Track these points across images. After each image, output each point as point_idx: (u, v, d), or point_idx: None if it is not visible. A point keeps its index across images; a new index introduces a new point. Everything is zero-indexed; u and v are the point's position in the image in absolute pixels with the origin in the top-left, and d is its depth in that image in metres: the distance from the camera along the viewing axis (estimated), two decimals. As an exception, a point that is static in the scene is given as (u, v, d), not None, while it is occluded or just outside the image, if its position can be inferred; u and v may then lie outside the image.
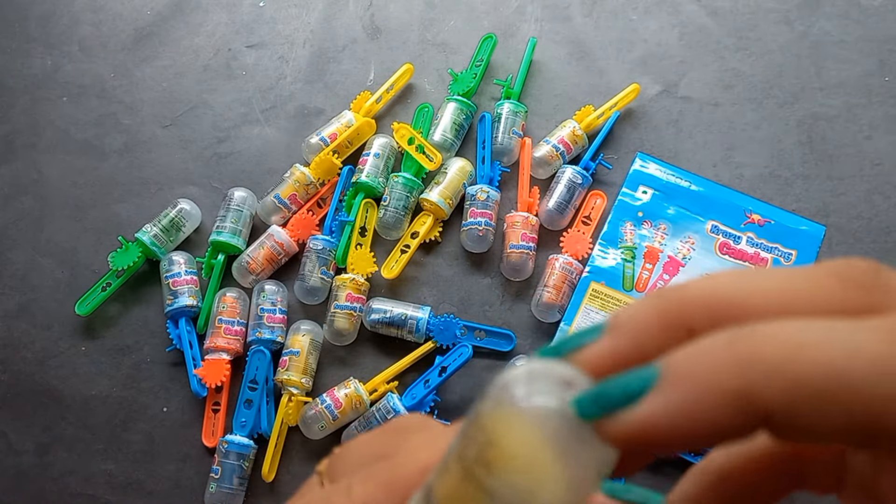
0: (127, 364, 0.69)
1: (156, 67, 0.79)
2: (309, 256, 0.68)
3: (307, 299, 0.69)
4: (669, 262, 0.64)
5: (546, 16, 0.78)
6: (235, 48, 0.79)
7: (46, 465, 0.67)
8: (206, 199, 0.74)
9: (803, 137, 0.72)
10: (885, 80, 0.74)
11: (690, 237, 0.64)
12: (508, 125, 0.71)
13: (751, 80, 0.74)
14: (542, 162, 0.70)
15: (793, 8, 0.77)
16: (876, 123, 0.72)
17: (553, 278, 0.66)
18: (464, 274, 0.70)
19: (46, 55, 0.80)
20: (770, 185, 0.71)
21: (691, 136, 0.73)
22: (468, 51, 0.77)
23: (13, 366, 0.70)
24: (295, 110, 0.76)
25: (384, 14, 0.80)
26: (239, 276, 0.69)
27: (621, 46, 0.77)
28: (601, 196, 0.70)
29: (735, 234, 0.64)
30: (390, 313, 0.66)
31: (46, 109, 0.78)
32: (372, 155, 0.71)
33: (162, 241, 0.70)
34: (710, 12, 0.77)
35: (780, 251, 0.64)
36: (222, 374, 0.65)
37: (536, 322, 0.68)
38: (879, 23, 0.76)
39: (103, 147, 0.76)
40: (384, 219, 0.69)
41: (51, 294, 0.71)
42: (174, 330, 0.68)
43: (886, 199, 0.70)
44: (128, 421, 0.68)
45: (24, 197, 0.75)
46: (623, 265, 0.64)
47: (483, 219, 0.68)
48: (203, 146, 0.76)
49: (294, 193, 0.71)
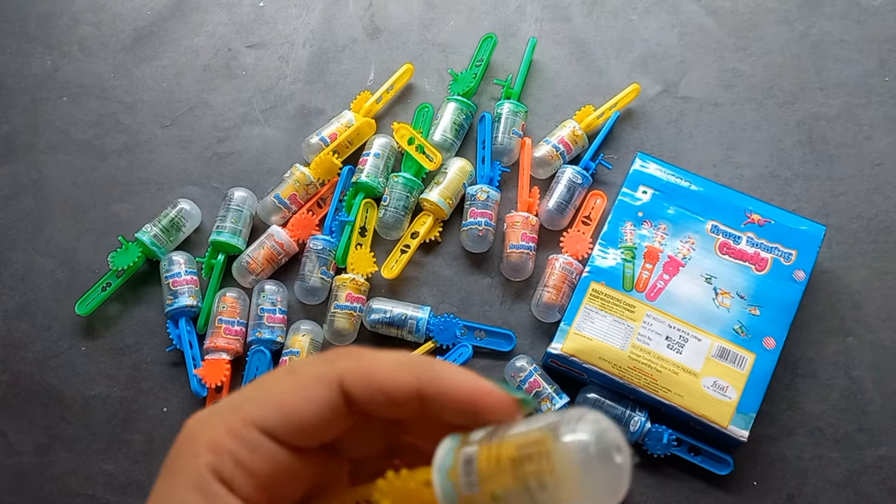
0: (127, 364, 0.69)
1: (156, 67, 0.79)
2: (309, 256, 0.68)
3: (307, 299, 0.69)
4: (669, 262, 0.64)
5: (546, 16, 0.78)
6: (235, 48, 0.79)
7: (46, 465, 0.67)
8: (206, 199, 0.74)
9: (803, 137, 0.72)
10: (885, 80, 0.74)
11: (690, 237, 0.64)
12: (508, 125, 0.71)
13: (751, 80, 0.74)
14: (542, 162, 0.70)
15: (793, 8, 0.77)
16: (876, 123, 0.72)
17: (553, 278, 0.66)
18: (464, 274, 0.70)
19: (46, 55, 0.80)
20: (770, 185, 0.71)
21: (691, 136, 0.73)
22: (468, 51, 0.77)
23: (13, 366, 0.69)
24: (295, 110, 0.76)
25: (384, 14, 0.80)
26: (239, 276, 0.69)
27: (621, 46, 0.77)
28: (601, 196, 0.70)
29: (735, 234, 0.64)
30: (390, 313, 0.66)
31: (46, 109, 0.78)
32: (372, 155, 0.71)
33: (162, 241, 0.70)
34: (710, 12, 0.77)
35: (780, 251, 0.64)
36: (222, 374, 0.65)
37: (536, 322, 0.68)
38: (879, 23, 0.76)
39: (103, 147, 0.76)
40: (384, 219, 0.69)
41: (51, 294, 0.71)
42: (174, 330, 0.68)
43: (886, 199, 0.70)
44: (128, 421, 0.68)
45: (24, 197, 0.75)
46: (623, 265, 0.64)
47: (483, 219, 0.68)
48: (203, 146, 0.76)
49: (294, 193, 0.71)
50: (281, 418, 0.25)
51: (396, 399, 0.25)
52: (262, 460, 0.25)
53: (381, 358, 0.26)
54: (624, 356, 0.61)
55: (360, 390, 0.25)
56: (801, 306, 0.63)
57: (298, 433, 0.25)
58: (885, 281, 0.68)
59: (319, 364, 0.26)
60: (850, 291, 0.67)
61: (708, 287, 0.63)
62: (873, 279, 0.68)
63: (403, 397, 0.25)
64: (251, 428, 0.25)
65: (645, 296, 0.63)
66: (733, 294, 0.63)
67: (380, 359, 0.26)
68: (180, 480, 0.25)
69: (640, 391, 0.61)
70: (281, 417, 0.25)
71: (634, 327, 0.62)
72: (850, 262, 0.68)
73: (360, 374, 0.25)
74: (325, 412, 0.25)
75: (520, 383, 0.64)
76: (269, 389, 0.26)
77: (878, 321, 0.67)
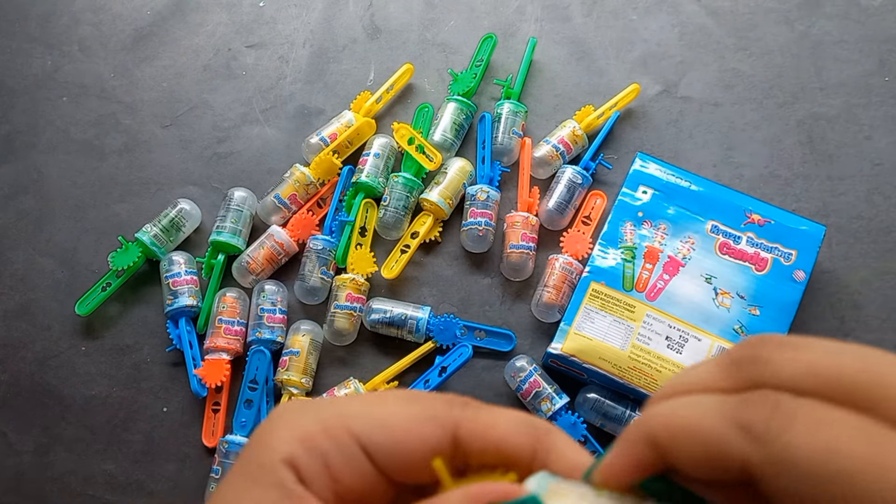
0: (127, 364, 0.69)
1: (156, 67, 0.79)
2: (309, 256, 0.68)
3: (307, 299, 0.69)
4: (669, 262, 0.64)
5: (546, 16, 0.78)
6: (235, 48, 0.79)
7: (46, 465, 0.67)
8: (206, 199, 0.74)
9: (803, 137, 0.72)
10: (885, 80, 0.73)
11: (690, 237, 0.64)
12: (508, 125, 0.71)
13: (751, 80, 0.74)
14: (542, 162, 0.70)
15: (793, 8, 0.77)
16: (876, 123, 0.72)
17: (553, 278, 0.66)
18: (464, 274, 0.70)
19: (46, 55, 0.80)
20: (770, 185, 0.71)
21: (691, 136, 0.73)
22: (468, 51, 0.77)
23: (13, 366, 0.69)
24: (295, 110, 0.76)
25: (384, 14, 0.79)
26: (239, 276, 0.69)
27: (621, 46, 0.77)
28: (601, 196, 0.70)
29: (735, 234, 0.64)
30: (390, 313, 0.66)
31: (46, 109, 0.78)
32: (372, 155, 0.71)
33: (162, 241, 0.70)
34: (710, 12, 0.77)
35: (780, 251, 0.64)
36: (222, 374, 0.65)
37: (536, 322, 0.68)
38: (879, 23, 0.76)
39: (103, 147, 0.76)
40: (384, 219, 0.69)
41: (51, 294, 0.71)
42: (174, 330, 0.68)
43: (886, 199, 0.70)
44: (128, 421, 0.68)
45: (24, 197, 0.75)
46: (623, 265, 0.64)
47: (483, 219, 0.68)
48: (203, 146, 0.76)
49: (294, 193, 0.71)
50: (386, 441, 0.25)
51: (509, 458, 0.25)
52: (352, 473, 0.24)
53: (501, 416, 0.26)
54: (624, 356, 0.61)
55: (475, 443, 0.25)
56: (801, 306, 0.63)
57: (397, 463, 0.25)
58: (885, 281, 0.68)
59: (440, 404, 0.26)
60: (850, 291, 0.67)
61: (708, 287, 0.63)
62: (873, 279, 0.68)
63: (517, 457, 0.25)
64: (351, 437, 0.24)
65: (645, 296, 0.63)
66: (733, 294, 0.63)
67: (499, 415, 0.25)
68: (261, 472, 0.24)
69: (640, 391, 0.61)
70: (386, 440, 0.25)
71: (634, 327, 0.62)
72: (850, 262, 0.68)
73: (479, 427, 0.25)
74: (429, 453, 0.25)
75: (520, 383, 0.64)
76: (382, 410, 0.25)
77: (878, 321, 0.67)
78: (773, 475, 0.19)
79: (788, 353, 0.21)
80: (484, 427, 0.25)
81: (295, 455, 0.24)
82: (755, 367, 0.21)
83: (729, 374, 0.22)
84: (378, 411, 0.25)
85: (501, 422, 0.25)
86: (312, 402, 0.26)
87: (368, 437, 0.25)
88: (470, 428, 0.25)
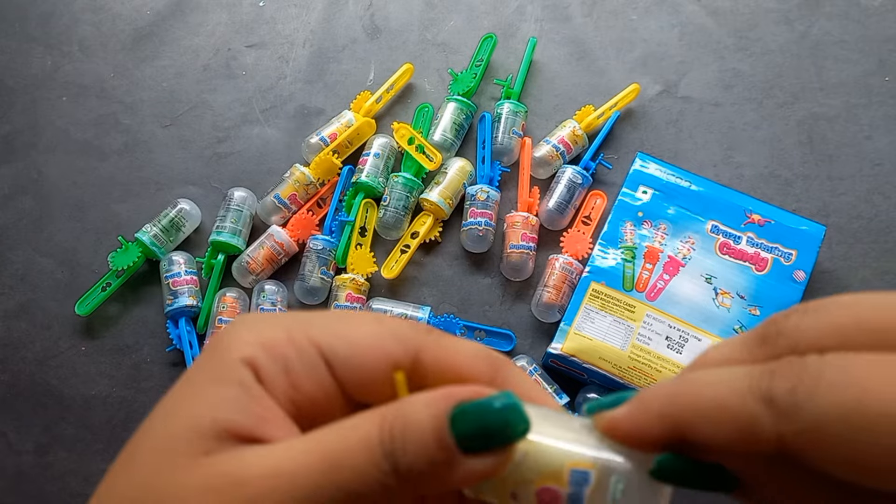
0: (127, 364, 0.69)
1: (156, 67, 0.79)
2: (309, 256, 0.68)
3: (307, 299, 0.69)
4: (669, 262, 0.64)
5: (546, 16, 0.78)
6: (235, 48, 0.79)
7: (46, 465, 0.67)
8: (206, 199, 0.74)
9: (803, 137, 0.72)
10: (885, 80, 0.73)
11: (690, 237, 0.64)
12: (508, 125, 0.71)
13: (751, 80, 0.74)
14: (542, 162, 0.70)
15: (793, 8, 0.77)
16: (876, 123, 0.72)
17: (553, 278, 0.66)
18: (464, 274, 0.70)
19: (46, 55, 0.80)
20: (770, 185, 0.71)
21: (691, 136, 0.73)
22: (468, 51, 0.77)
23: (13, 366, 0.69)
24: (295, 110, 0.76)
25: (384, 14, 0.79)
26: (239, 276, 0.69)
27: (621, 46, 0.77)
28: (601, 196, 0.70)
29: (735, 234, 0.64)
30: (390, 313, 0.66)
31: (46, 109, 0.78)
32: (372, 155, 0.71)
33: (162, 241, 0.70)
34: (710, 12, 0.77)
35: (781, 251, 0.64)
36: (222, 374, 0.65)
37: (536, 322, 0.68)
38: (879, 23, 0.76)
39: (103, 147, 0.76)
40: (384, 219, 0.69)
41: (51, 294, 0.71)
42: (174, 330, 0.68)
43: (886, 199, 0.70)
44: (128, 421, 0.68)
45: (24, 197, 0.75)
46: (623, 265, 0.64)
47: (483, 219, 0.68)
48: (203, 146, 0.76)
49: (294, 193, 0.71)
50: (348, 354, 0.25)
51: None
52: (311, 382, 0.24)
53: (463, 344, 0.26)
54: (624, 356, 0.61)
55: (436, 368, 0.25)
56: (801, 306, 0.63)
57: (358, 377, 0.25)
58: (885, 281, 0.68)
59: (406, 326, 0.26)
60: (850, 291, 0.67)
61: (708, 287, 0.63)
62: (873, 279, 0.68)
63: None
64: (314, 347, 0.24)
65: (645, 296, 0.63)
66: (733, 294, 0.63)
67: (461, 345, 0.26)
68: (220, 370, 0.24)
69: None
70: (349, 353, 0.25)
71: (634, 327, 0.62)
72: (850, 262, 0.68)
73: (441, 352, 0.25)
74: (389, 369, 0.25)
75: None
76: (347, 325, 0.25)
77: (878, 321, 0.67)
78: (810, 448, 0.19)
79: (810, 317, 0.21)
80: (446, 353, 0.25)
81: (256, 356, 0.24)
82: (781, 339, 0.22)
83: (755, 350, 0.22)
84: (343, 326, 0.25)
85: (463, 350, 0.26)
86: (275, 314, 0.26)
87: (331, 348, 0.24)
88: (433, 352, 0.25)
